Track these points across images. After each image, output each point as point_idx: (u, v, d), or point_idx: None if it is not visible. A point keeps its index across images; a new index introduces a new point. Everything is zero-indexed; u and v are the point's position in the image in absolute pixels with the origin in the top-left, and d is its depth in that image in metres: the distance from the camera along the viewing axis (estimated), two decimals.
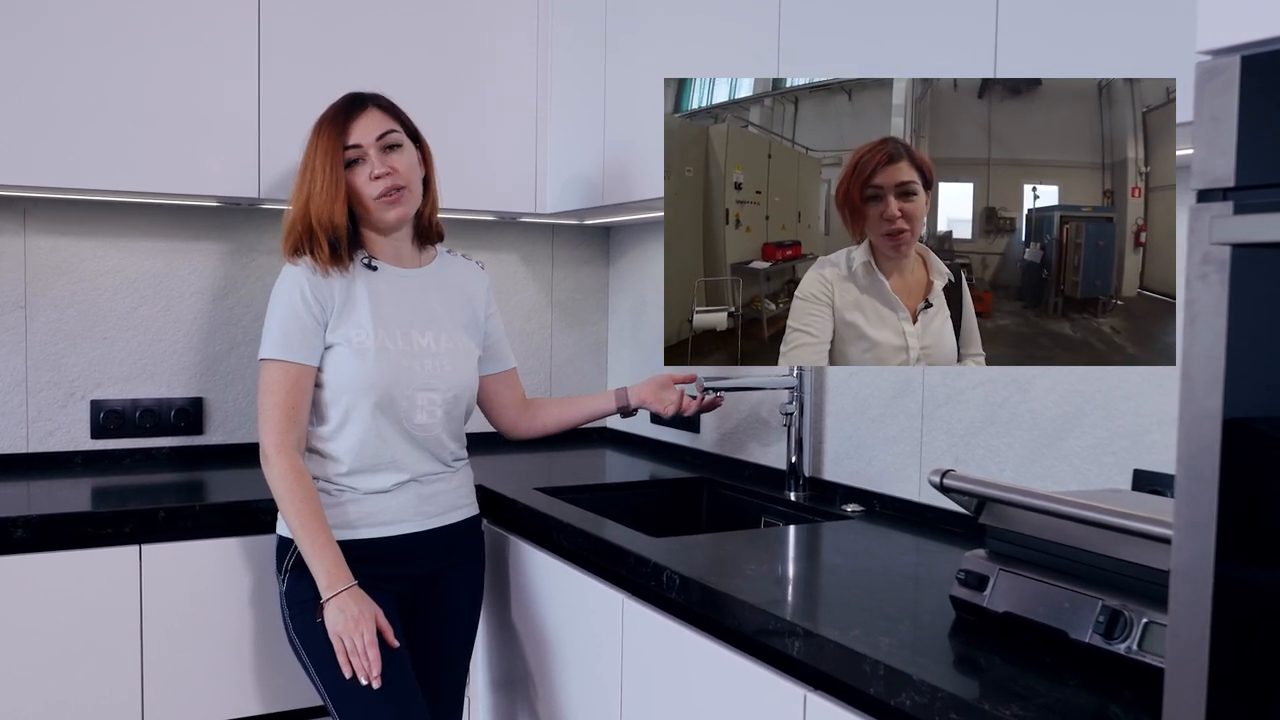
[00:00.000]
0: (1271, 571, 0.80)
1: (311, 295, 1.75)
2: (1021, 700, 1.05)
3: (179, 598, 1.96)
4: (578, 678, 1.81)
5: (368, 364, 1.76)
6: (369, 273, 1.83)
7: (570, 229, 2.93)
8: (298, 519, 1.69)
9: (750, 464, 2.39)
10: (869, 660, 1.18)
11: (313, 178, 1.76)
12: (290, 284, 1.77)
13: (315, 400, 1.79)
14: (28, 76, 2.04)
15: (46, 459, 2.36)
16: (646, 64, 2.17)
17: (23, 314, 2.34)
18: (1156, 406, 1.54)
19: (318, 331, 1.76)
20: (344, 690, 1.68)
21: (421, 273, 1.89)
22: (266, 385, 1.74)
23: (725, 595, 1.42)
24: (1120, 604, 1.14)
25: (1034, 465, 1.73)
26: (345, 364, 1.76)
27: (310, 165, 1.77)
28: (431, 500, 1.85)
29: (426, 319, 1.85)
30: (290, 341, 1.74)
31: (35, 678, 1.86)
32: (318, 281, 1.77)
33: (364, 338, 1.77)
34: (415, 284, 1.87)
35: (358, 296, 1.80)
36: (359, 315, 1.78)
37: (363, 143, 1.78)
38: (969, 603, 1.30)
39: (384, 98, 1.85)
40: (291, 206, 1.81)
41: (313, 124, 1.82)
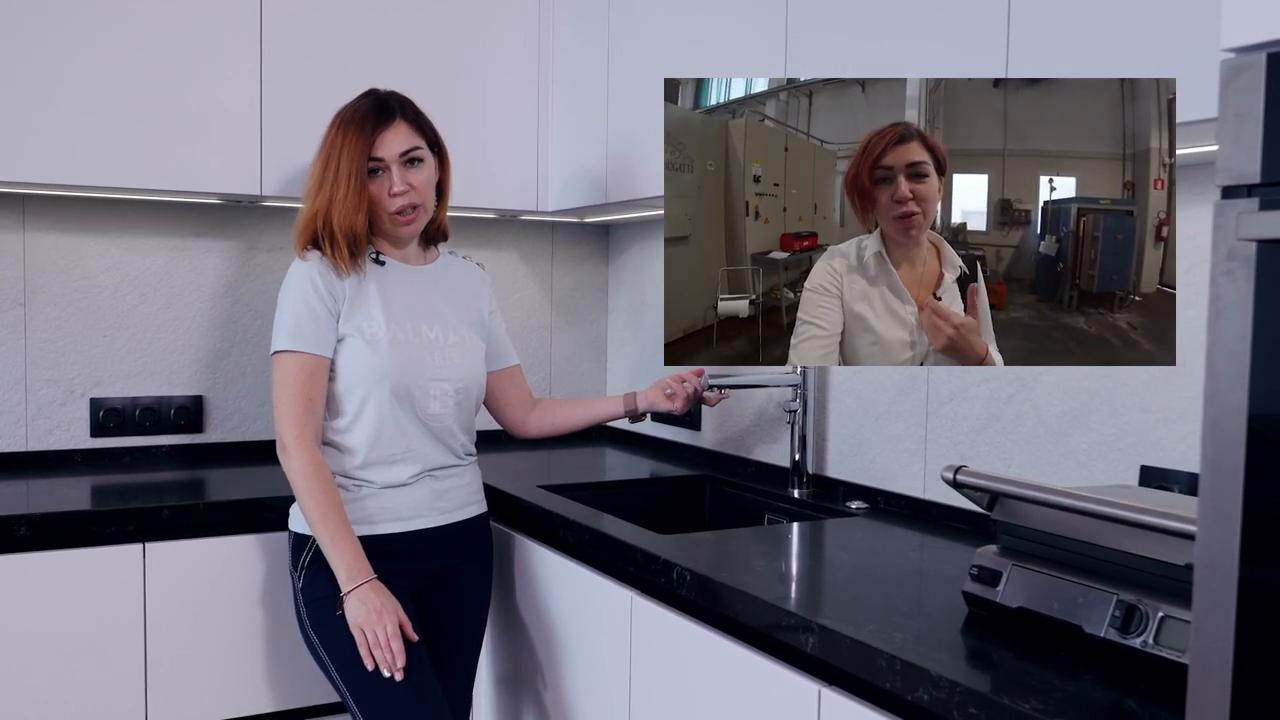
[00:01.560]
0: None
1: (324, 287, 1.76)
2: (1040, 694, 1.06)
3: (183, 596, 1.95)
4: (584, 674, 1.81)
5: (381, 354, 1.76)
6: (377, 268, 1.83)
7: (570, 227, 2.93)
8: (317, 511, 1.68)
9: (752, 461, 2.39)
10: (885, 655, 1.18)
11: (335, 182, 1.75)
12: (302, 276, 1.77)
13: (330, 393, 1.79)
14: (27, 71, 2.03)
15: (46, 457, 2.35)
16: (650, 60, 2.17)
17: (22, 311, 2.32)
18: (1163, 403, 1.55)
19: (330, 323, 1.76)
20: (365, 685, 1.68)
21: (427, 270, 1.90)
22: (282, 378, 1.74)
23: (737, 591, 1.42)
24: (1135, 598, 1.14)
25: (1039, 462, 1.73)
26: (359, 355, 1.76)
27: (334, 168, 1.76)
28: (445, 496, 1.85)
29: (433, 314, 1.85)
30: (304, 332, 1.74)
31: (38, 677, 1.85)
32: (329, 274, 1.77)
33: (377, 328, 1.77)
34: (421, 280, 1.88)
35: (368, 289, 1.80)
36: (370, 307, 1.79)
37: (386, 157, 1.77)
38: (982, 598, 1.31)
39: (410, 105, 1.84)
40: (307, 204, 1.80)
41: (333, 118, 1.80)
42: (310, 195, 1.81)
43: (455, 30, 2.41)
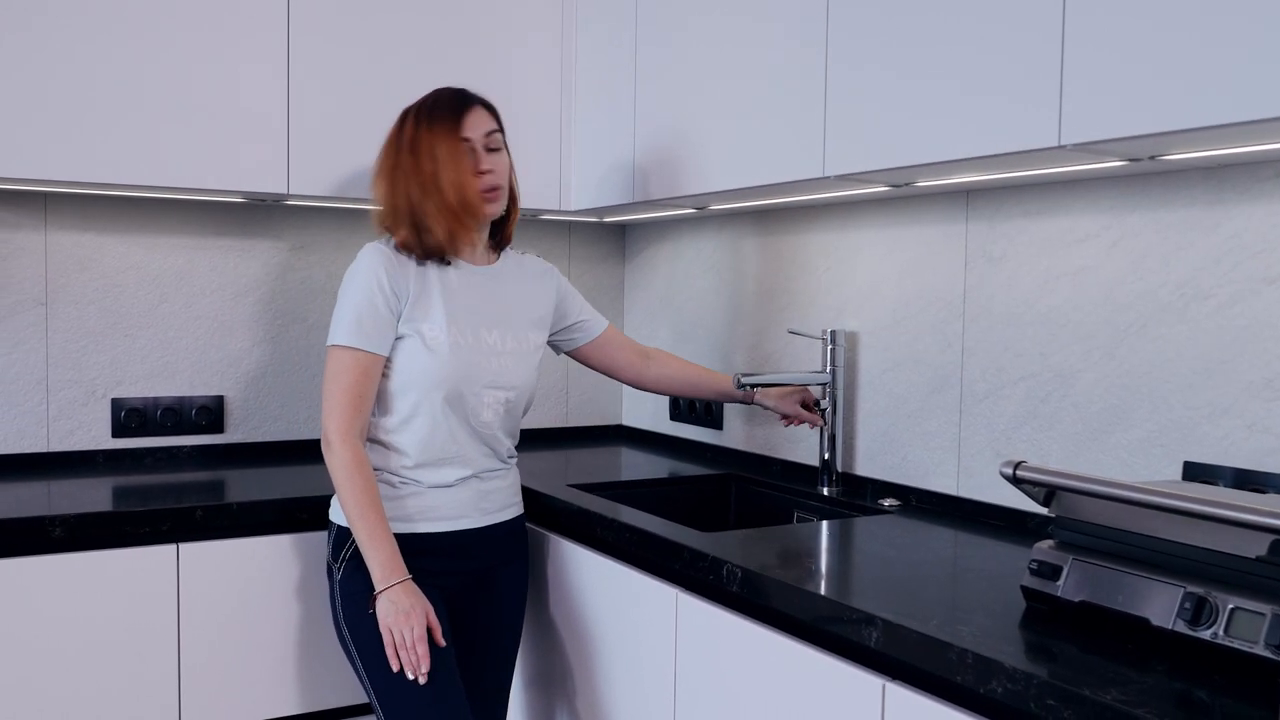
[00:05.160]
0: None
1: (389, 285, 1.75)
2: (1118, 685, 1.07)
3: (216, 596, 1.94)
4: (622, 673, 1.82)
5: (441, 359, 1.75)
6: (443, 267, 1.82)
7: (587, 226, 2.93)
8: (356, 508, 1.68)
9: (777, 460, 2.40)
10: (956, 649, 1.19)
11: (434, 161, 1.75)
12: (368, 270, 1.75)
13: (381, 390, 1.78)
14: (50, 68, 2.01)
15: (68, 458, 2.33)
16: (681, 58, 2.18)
17: (44, 311, 2.31)
18: (1208, 399, 1.57)
19: (391, 322, 1.75)
20: (390, 686, 1.67)
21: (493, 270, 1.89)
22: (335, 371, 1.73)
23: (794, 588, 1.43)
24: (1205, 591, 1.16)
25: (1078, 459, 1.75)
26: (417, 357, 1.75)
27: (427, 151, 1.75)
28: (489, 497, 1.85)
29: (496, 316, 1.85)
30: (364, 329, 1.73)
31: (72, 677, 1.84)
32: (394, 270, 1.76)
33: (437, 332, 1.77)
34: (487, 280, 1.87)
35: (432, 290, 1.79)
36: (433, 309, 1.78)
37: (472, 137, 1.78)
38: (1042, 592, 1.32)
39: (488, 100, 1.85)
40: (385, 201, 1.79)
41: (405, 113, 1.82)
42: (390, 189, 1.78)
43: (480, 31, 2.41)
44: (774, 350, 2.43)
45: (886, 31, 1.68)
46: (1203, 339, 1.58)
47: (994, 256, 1.90)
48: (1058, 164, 1.59)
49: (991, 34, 1.50)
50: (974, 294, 1.93)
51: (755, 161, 1.97)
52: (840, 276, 2.24)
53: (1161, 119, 1.29)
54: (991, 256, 1.90)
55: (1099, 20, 1.36)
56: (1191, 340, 1.59)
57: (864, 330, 2.18)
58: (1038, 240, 1.82)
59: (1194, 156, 1.47)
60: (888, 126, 1.67)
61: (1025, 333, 1.84)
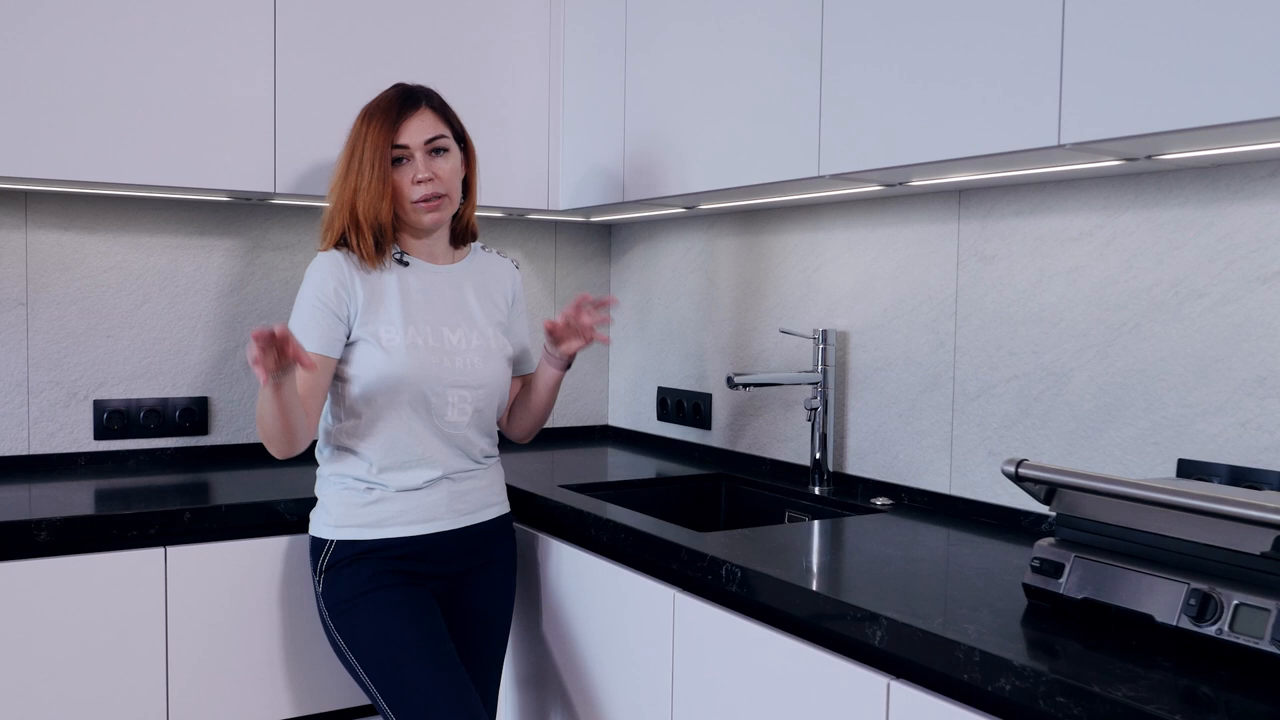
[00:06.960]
0: None
1: (334, 293, 1.74)
2: (1127, 682, 1.07)
3: (205, 600, 1.91)
4: (617, 673, 1.81)
5: (397, 360, 1.74)
6: (400, 268, 1.81)
7: (573, 225, 2.92)
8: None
9: (766, 460, 2.40)
10: (963, 647, 1.19)
11: (360, 171, 1.75)
12: (317, 276, 1.76)
13: (344, 396, 1.77)
14: (31, 63, 1.98)
15: (49, 461, 2.29)
16: (672, 57, 2.17)
17: (24, 311, 2.27)
18: (1202, 397, 1.58)
19: (337, 326, 1.75)
20: (395, 684, 1.66)
21: (454, 269, 1.88)
22: None
23: (796, 587, 1.43)
24: (1209, 587, 1.16)
25: (1071, 456, 1.76)
26: (373, 360, 1.75)
27: (358, 158, 1.76)
28: (464, 498, 1.84)
29: (458, 316, 1.84)
30: (308, 332, 1.73)
31: (59, 682, 1.80)
32: (343, 276, 1.75)
33: (393, 334, 1.76)
34: (447, 280, 1.86)
35: (388, 292, 1.78)
36: (389, 311, 1.77)
37: (410, 144, 1.77)
38: (1044, 590, 1.33)
39: (437, 96, 1.84)
40: (332, 198, 1.79)
41: (359, 112, 1.80)
42: (335, 188, 1.80)
43: (467, 29, 2.39)
44: (763, 349, 2.43)
45: (884, 31, 1.68)
46: (1196, 337, 1.59)
47: (986, 256, 1.90)
48: (1053, 163, 1.60)
49: (991, 33, 1.51)
50: (966, 293, 1.94)
51: (748, 161, 1.96)
52: (831, 276, 2.24)
53: (1162, 118, 1.30)
54: (984, 256, 1.91)
55: (1099, 19, 1.37)
56: (1185, 339, 1.61)
57: (855, 329, 2.18)
58: (1031, 239, 1.83)
59: (1189, 156, 1.48)
60: (885, 125, 1.67)
61: (1018, 331, 1.85)
